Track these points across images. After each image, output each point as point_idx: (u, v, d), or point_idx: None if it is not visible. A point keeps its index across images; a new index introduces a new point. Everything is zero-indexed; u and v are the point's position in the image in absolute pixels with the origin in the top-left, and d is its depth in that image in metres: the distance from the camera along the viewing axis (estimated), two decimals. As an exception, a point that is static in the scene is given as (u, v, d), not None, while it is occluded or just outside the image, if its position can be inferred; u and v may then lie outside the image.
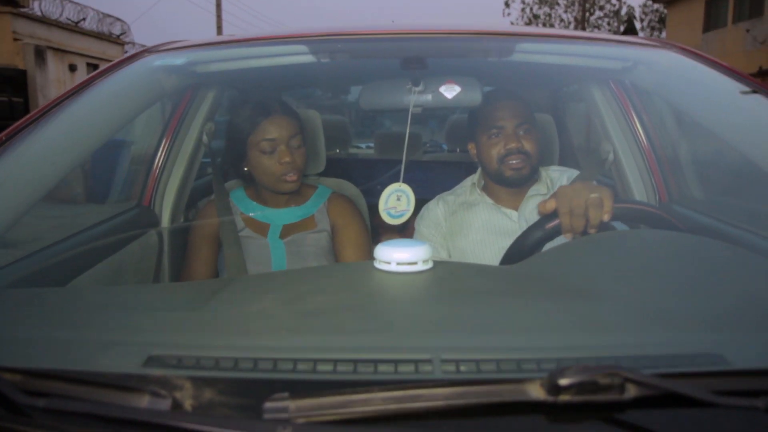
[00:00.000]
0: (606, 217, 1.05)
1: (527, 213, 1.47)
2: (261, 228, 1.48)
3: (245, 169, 1.47)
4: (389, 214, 1.23)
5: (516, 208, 1.49)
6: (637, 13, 29.13)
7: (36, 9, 12.71)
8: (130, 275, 1.40)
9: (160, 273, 1.56)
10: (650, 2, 23.79)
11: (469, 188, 1.55)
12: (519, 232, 1.13)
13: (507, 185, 1.49)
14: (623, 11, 28.82)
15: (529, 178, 1.48)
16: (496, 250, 1.41)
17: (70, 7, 13.97)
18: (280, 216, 1.49)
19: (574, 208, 1.05)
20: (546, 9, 29.32)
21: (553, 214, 1.08)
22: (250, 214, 1.49)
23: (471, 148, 1.54)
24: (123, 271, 1.36)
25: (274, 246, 1.45)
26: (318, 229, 1.48)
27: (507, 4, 29.09)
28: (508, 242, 1.13)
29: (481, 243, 1.46)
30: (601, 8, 28.88)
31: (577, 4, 28.29)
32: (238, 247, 1.42)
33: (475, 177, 1.57)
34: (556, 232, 1.09)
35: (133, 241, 1.44)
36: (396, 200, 1.23)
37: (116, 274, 1.33)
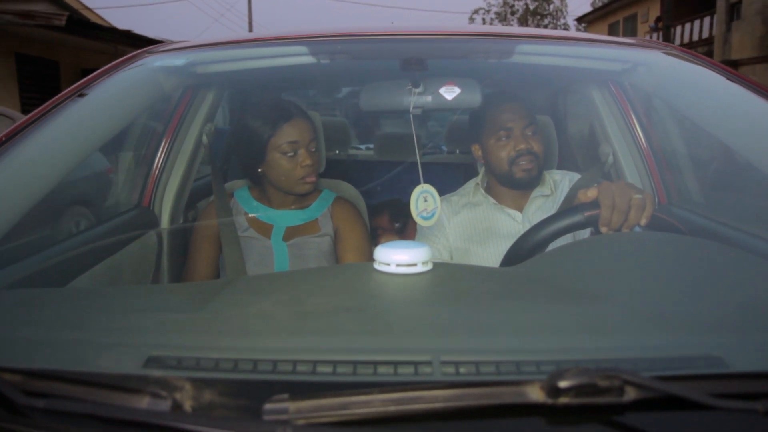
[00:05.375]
0: (644, 222, 1.04)
1: (531, 214, 1.47)
2: (264, 229, 1.48)
3: (259, 170, 1.47)
4: (423, 218, 1.23)
5: (520, 210, 1.49)
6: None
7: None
8: (129, 276, 1.40)
9: (159, 274, 1.56)
10: (576, 22, 29.83)
11: (472, 189, 1.55)
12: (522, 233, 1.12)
13: (516, 187, 1.48)
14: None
15: (538, 178, 1.48)
16: (499, 250, 1.40)
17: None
18: (283, 217, 1.49)
19: (618, 204, 1.04)
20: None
21: (593, 204, 1.06)
22: (254, 215, 1.49)
23: (475, 150, 1.54)
24: (122, 272, 1.36)
25: (277, 248, 1.45)
26: (321, 234, 1.49)
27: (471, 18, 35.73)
28: (511, 243, 1.13)
29: (484, 244, 1.46)
30: (545, 27, 34.88)
31: (527, 20, 35.12)
32: (238, 248, 1.43)
33: (478, 178, 1.57)
34: (589, 222, 1.05)
35: (132, 241, 1.44)
36: (424, 201, 1.22)
37: (115, 275, 1.33)
